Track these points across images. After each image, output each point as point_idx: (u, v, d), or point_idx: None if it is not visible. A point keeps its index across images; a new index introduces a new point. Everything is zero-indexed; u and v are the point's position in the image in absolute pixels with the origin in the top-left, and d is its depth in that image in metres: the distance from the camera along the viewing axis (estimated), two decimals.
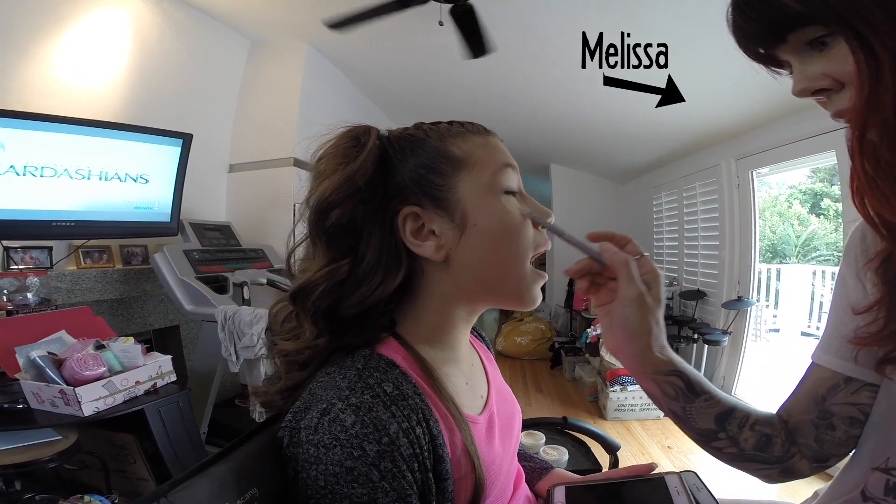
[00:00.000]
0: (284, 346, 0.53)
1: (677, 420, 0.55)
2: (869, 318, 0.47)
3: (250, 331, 1.80)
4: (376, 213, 0.51)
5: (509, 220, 0.52)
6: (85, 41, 2.07)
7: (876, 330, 0.46)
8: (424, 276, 0.54)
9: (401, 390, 0.45)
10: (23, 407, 1.30)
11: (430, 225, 0.51)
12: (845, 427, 0.52)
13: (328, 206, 0.49)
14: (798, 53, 0.45)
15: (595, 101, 3.23)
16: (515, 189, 0.54)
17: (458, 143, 0.53)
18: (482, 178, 0.52)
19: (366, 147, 0.51)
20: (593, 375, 3.39)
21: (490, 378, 0.64)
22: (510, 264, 0.52)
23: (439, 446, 0.45)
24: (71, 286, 1.95)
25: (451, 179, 0.52)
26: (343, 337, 0.51)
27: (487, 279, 0.53)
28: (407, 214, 0.51)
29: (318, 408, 0.43)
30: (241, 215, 2.84)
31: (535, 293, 0.55)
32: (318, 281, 0.50)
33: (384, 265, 0.50)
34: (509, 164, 0.54)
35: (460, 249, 0.51)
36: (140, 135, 2.03)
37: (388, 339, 0.52)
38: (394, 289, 0.51)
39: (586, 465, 1.12)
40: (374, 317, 0.52)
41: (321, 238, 0.51)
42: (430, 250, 0.51)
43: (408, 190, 0.52)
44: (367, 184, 0.50)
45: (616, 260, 0.52)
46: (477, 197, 0.52)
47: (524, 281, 0.53)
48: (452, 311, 0.55)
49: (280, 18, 2.70)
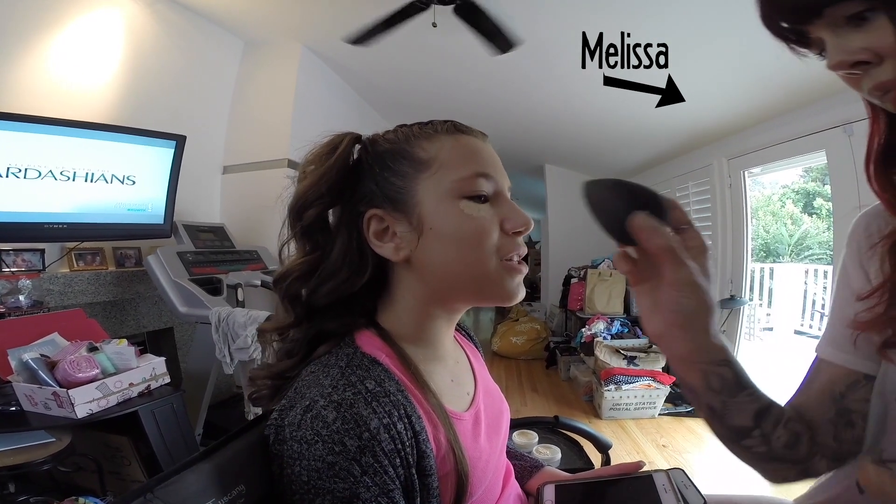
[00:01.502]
0: (264, 325, 0.57)
1: (711, 415, 0.50)
2: (871, 303, 0.47)
3: (244, 332, 1.80)
4: (344, 215, 0.56)
5: (466, 227, 0.51)
6: (78, 42, 2.06)
7: (878, 314, 0.46)
8: (395, 276, 0.56)
9: (383, 387, 0.46)
10: (16, 409, 1.30)
11: (393, 227, 0.54)
12: (863, 424, 0.51)
13: (301, 208, 0.53)
14: (834, 28, 0.44)
15: (588, 102, 3.25)
16: (486, 193, 0.53)
17: (423, 144, 0.54)
18: (443, 182, 0.52)
19: (335, 153, 0.54)
20: (588, 375, 3.40)
21: (477, 375, 0.64)
22: (470, 266, 0.52)
23: (422, 442, 0.46)
24: (64, 288, 1.95)
25: (410, 182, 0.53)
26: (319, 322, 0.54)
27: (451, 280, 0.53)
28: (371, 217, 0.54)
29: (301, 405, 0.44)
30: (235, 217, 2.84)
31: (512, 287, 0.54)
32: (293, 270, 0.54)
33: (349, 263, 0.54)
34: (482, 173, 0.53)
35: (419, 252, 0.53)
36: (133, 136, 2.02)
37: (370, 334, 0.54)
38: (362, 284, 0.54)
39: (578, 464, 1.13)
40: (349, 306, 0.55)
41: (298, 234, 0.55)
42: (389, 251, 0.53)
43: (373, 193, 0.54)
44: (331, 189, 0.53)
45: (656, 246, 0.42)
46: (434, 201, 0.52)
47: (492, 279, 0.52)
48: (429, 310, 0.56)
49: (274, 19, 2.69)
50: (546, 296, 5.53)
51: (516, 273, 0.54)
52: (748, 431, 0.50)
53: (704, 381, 0.47)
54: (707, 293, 0.43)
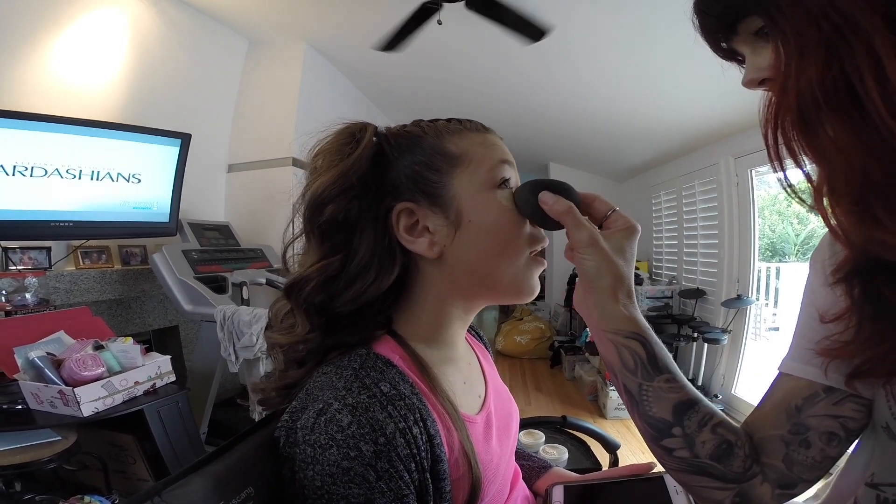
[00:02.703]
0: (276, 338, 0.53)
1: (630, 402, 0.48)
2: (838, 328, 0.43)
3: (249, 330, 1.80)
4: (370, 210, 0.51)
5: (505, 218, 0.52)
6: (83, 41, 2.06)
7: (847, 339, 0.42)
8: (420, 274, 0.54)
9: (398, 390, 0.45)
10: (22, 408, 1.30)
11: (425, 221, 0.51)
12: (822, 445, 0.45)
13: (322, 202, 0.49)
14: (750, 45, 0.44)
15: (594, 100, 3.23)
16: (510, 178, 0.54)
17: (454, 140, 0.53)
18: (478, 175, 0.52)
19: (361, 143, 0.51)
20: (593, 374, 3.39)
21: (487, 378, 0.63)
22: (506, 258, 0.52)
23: (437, 446, 0.45)
24: (70, 287, 1.95)
25: (446, 176, 0.52)
26: (338, 334, 0.51)
27: (483, 274, 0.52)
28: (401, 211, 0.51)
29: (314, 408, 0.43)
30: (239, 215, 2.85)
31: (533, 282, 0.54)
32: (311, 276, 0.50)
33: (378, 262, 0.50)
34: (506, 160, 0.54)
35: (455, 246, 0.51)
36: (138, 135, 2.02)
37: (384, 338, 0.52)
38: (388, 286, 0.51)
39: (586, 464, 1.12)
40: (370, 315, 0.52)
41: (315, 233, 0.51)
42: (423, 247, 0.51)
43: (403, 187, 0.52)
44: (361, 180, 0.50)
45: (557, 210, 0.48)
46: (472, 193, 0.51)
47: (520, 272, 0.53)
48: (449, 309, 0.55)
49: (278, 18, 2.69)
50: (550, 295, 5.51)
51: (539, 266, 0.55)
52: (668, 427, 0.46)
53: (619, 357, 0.47)
54: (614, 260, 0.47)
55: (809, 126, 0.37)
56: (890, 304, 0.40)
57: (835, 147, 0.36)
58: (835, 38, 0.35)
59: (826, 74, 0.35)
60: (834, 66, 0.35)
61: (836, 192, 0.38)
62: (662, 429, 0.46)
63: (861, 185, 0.36)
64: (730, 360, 3.10)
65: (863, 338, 0.41)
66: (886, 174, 0.35)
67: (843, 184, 0.37)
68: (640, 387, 0.46)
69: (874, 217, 0.36)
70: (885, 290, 0.40)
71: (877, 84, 0.33)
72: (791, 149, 0.39)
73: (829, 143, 0.36)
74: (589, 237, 0.47)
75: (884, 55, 0.33)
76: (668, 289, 3.73)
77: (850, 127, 0.35)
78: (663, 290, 3.73)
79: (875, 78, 0.33)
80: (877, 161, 0.35)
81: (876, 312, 0.41)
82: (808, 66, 0.36)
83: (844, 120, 0.35)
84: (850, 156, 0.35)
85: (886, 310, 0.40)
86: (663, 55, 2.38)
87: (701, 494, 0.47)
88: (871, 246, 0.38)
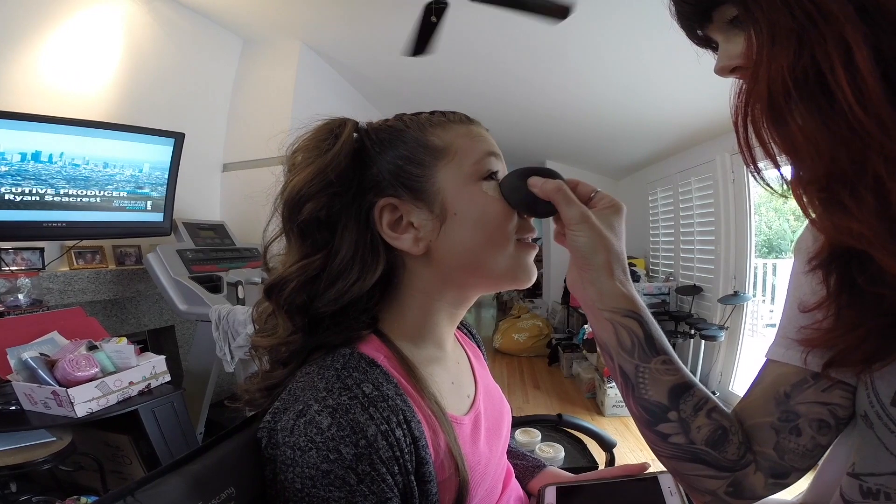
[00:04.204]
0: (258, 341, 0.52)
1: (626, 386, 0.47)
2: (820, 315, 0.43)
3: (244, 330, 1.80)
4: (351, 207, 0.51)
5: (492, 208, 0.51)
6: (76, 41, 2.05)
7: (827, 327, 0.43)
8: (405, 271, 0.53)
9: (381, 391, 0.44)
10: (16, 408, 1.30)
11: (409, 217, 0.51)
12: (812, 432, 0.44)
13: (300, 200, 0.48)
14: (724, 33, 0.44)
15: (590, 97, 3.23)
16: (497, 170, 0.53)
17: (438, 132, 0.52)
18: (464, 167, 0.51)
19: (340, 139, 0.51)
20: (591, 372, 3.40)
21: (478, 377, 0.63)
22: (495, 248, 0.51)
23: (422, 448, 0.44)
24: (63, 287, 1.94)
25: (430, 170, 0.51)
26: (322, 335, 0.50)
27: (474, 266, 0.51)
28: (384, 206, 0.50)
29: (294, 409, 0.42)
30: (234, 214, 2.83)
31: (528, 266, 0.54)
32: (291, 276, 0.49)
33: (360, 259, 0.50)
34: (493, 152, 0.53)
35: (441, 241, 0.50)
36: (132, 134, 2.01)
37: (369, 337, 0.51)
38: (372, 284, 0.50)
39: (582, 463, 1.11)
40: (354, 314, 0.51)
41: (294, 232, 0.50)
42: (408, 243, 0.50)
43: (385, 182, 0.51)
44: (340, 177, 0.49)
45: (547, 189, 0.49)
46: (458, 186, 0.51)
47: (513, 259, 0.52)
48: (437, 306, 0.54)
49: (273, 17, 2.68)
50: (548, 292, 5.52)
51: (532, 250, 0.54)
52: (663, 412, 0.45)
53: (615, 337, 0.46)
54: (606, 236, 0.47)
55: (779, 114, 0.37)
56: (863, 292, 0.40)
57: (803, 135, 0.36)
58: (807, 26, 0.35)
59: (797, 63, 0.35)
60: (805, 54, 0.35)
61: (803, 181, 0.38)
62: (658, 413, 0.46)
63: (828, 173, 0.36)
64: (727, 357, 3.10)
65: (840, 326, 0.41)
66: (853, 163, 0.35)
67: (810, 172, 0.37)
68: (636, 368, 0.46)
69: (842, 205, 0.36)
70: (858, 277, 0.40)
71: (846, 73, 0.33)
72: (760, 137, 0.39)
73: (798, 132, 0.36)
74: (580, 213, 0.47)
75: (854, 45, 0.33)
76: (664, 285, 3.73)
77: (818, 116, 0.35)
78: (660, 286, 3.73)
79: (845, 67, 0.33)
80: (844, 150, 0.35)
81: (851, 300, 0.41)
82: (779, 55, 0.36)
83: (813, 109, 0.35)
84: (819, 144, 0.35)
85: (860, 298, 0.40)
86: (659, 52, 2.37)
87: (694, 484, 0.47)
88: (839, 234, 0.38)
